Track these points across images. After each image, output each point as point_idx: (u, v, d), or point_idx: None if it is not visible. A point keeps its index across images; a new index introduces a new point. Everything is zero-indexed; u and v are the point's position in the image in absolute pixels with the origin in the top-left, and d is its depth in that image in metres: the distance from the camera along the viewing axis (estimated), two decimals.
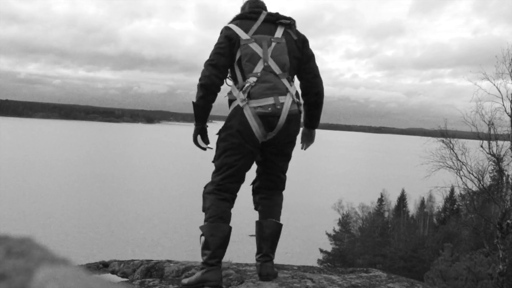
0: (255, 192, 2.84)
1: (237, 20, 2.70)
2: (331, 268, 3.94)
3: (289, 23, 2.71)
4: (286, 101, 2.56)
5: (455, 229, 27.80)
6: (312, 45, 2.86)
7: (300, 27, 2.82)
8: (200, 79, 2.59)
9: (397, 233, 33.37)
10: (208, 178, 2.75)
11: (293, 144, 2.74)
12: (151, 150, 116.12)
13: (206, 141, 2.70)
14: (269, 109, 2.52)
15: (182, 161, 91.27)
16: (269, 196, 2.80)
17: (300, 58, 2.72)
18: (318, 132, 3.06)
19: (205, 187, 2.68)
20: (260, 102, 2.52)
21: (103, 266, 3.79)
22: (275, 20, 2.71)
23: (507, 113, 13.54)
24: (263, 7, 2.84)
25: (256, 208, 2.84)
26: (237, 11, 2.91)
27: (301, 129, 2.92)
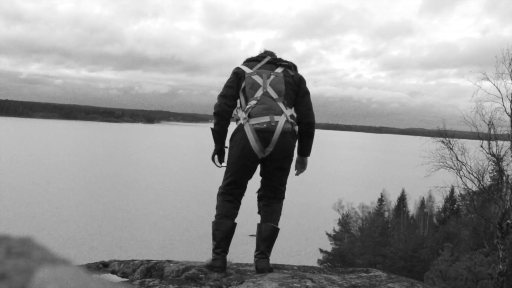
0: (259, 199, 3.27)
1: (246, 62, 3.28)
2: (331, 268, 3.94)
3: (287, 64, 3.23)
4: (281, 120, 3.03)
5: (455, 229, 27.78)
6: (318, 45, 3.06)
7: (307, 27, 2.97)
8: (214, 109, 3.17)
9: (397, 233, 33.35)
10: (207, 179, 2.87)
11: (289, 159, 3.16)
12: (151, 150, 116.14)
13: (221, 160, 3.28)
14: (265, 125, 3.00)
15: (182, 162, 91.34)
16: (270, 203, 3.23)
17: (297, 92, 3.22)
18: (319, 132, 3.14)
19: (219, 188, 3.20)
20: (257, 120, 3.02)
21: (103, 266, 3.78)
22: (276, 62, 3.23)
23: (507, 113, 13.54)
24: (271, 55, 3.34)
25: (259, 213, 3.25)
26: (242, 12, 3.12)
27: (296, 157, 3.36)
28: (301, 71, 3.34)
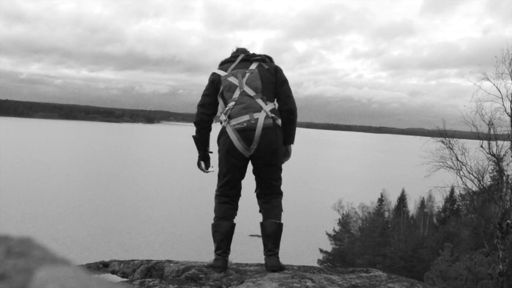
0: (257, 197, 3.30)
1: (221, 65, 3.31)
2: (331, 268, 3.94)
3: (260, 59, 3.25)
4: (260, 117, 3.06)
5: (455, 229, 27.80)
6: (319, 45, 3.06)
7: (307, 27, 2.97)
8: (194, 118, 3.30)
9: (397, 233, 33.35)
10: (207, 179, 2.90)
11: (276, 154, 3.17)
12: (151, 150, 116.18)
13: (208, 165, 3.37)
14: (245, 124, 3.04)
15: (182, 162, 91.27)
16: (268, 200, 3.25)
17: (274, 82, 3.23)
18: (319, 132, 3.15)
19: (215, 191, 3.29)
20: (237, 120, 3.06)
21: (103, 266, 3.78)
22: (250, 58, 3.26)
23: (507, 113, 13.54)
24: (244, 52, 3.38)
25: (260, 211, 3.27)
26: (243, 12, 3.15)
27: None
28: (301, 71, 3.36)
